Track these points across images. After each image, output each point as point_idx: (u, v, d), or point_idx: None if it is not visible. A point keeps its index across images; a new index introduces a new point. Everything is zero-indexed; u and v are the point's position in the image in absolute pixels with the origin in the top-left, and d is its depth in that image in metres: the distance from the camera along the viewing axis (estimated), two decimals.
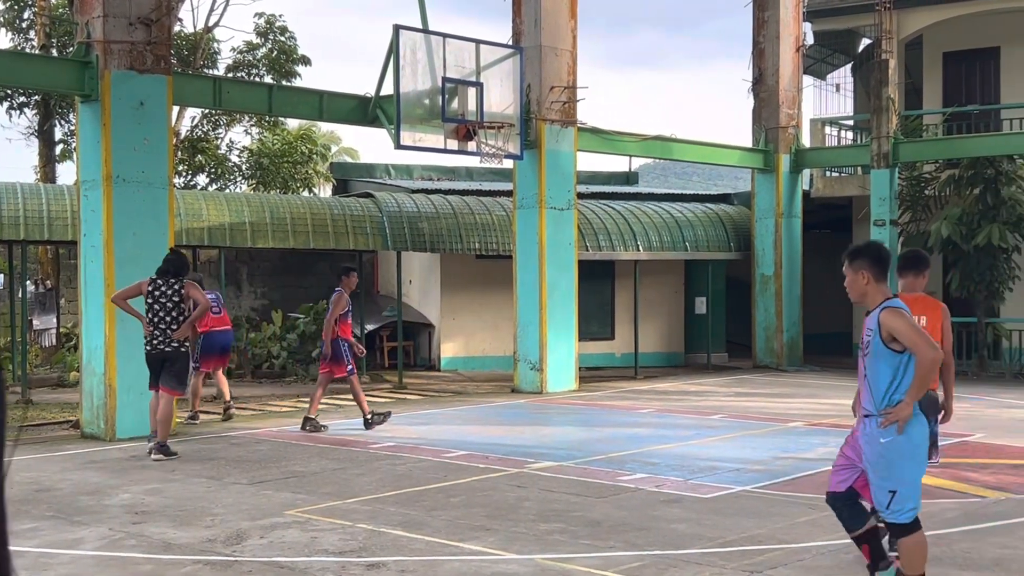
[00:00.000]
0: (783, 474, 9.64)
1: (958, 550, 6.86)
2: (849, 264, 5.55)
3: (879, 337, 5.38)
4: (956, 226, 19.58)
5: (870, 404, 5.44)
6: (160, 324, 10.65)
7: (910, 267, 7.37)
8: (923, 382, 5.27)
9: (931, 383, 5.23)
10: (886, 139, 20.38)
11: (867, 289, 5.50)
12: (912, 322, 5.36)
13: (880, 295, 5.51)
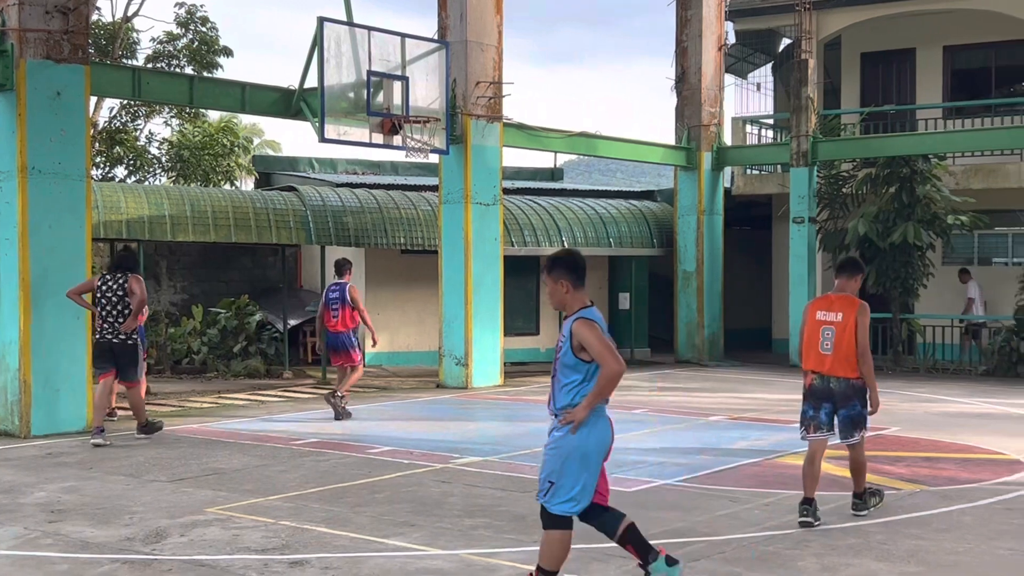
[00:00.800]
0: (705, 468, 9.77)
1: (875, 542, 7.02)
2: (548, 274, 5.71)
3: (570, 345, 5.58)
4: (872, 224, 19.98)
5: (553, 405, 5.70)
6: (108, 317, 11.20)
7: (843, 271, 7.99)
8: (602, 391, 5.53)
9: (610, 393, 5.53)
10: (805, 138, 20.74)
11: (566, 298, 5.66)
12: (600, 334, 5.50)
13: (577, 303, 5.67)
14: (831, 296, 7.90)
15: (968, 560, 6.57)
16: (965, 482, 9.00)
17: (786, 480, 9.21)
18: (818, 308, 7.89)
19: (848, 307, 7.73)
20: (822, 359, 7.74)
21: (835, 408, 7.75)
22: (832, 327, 7.70)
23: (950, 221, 19.98)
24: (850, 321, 7.64)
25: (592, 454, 5.61)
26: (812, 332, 7.82)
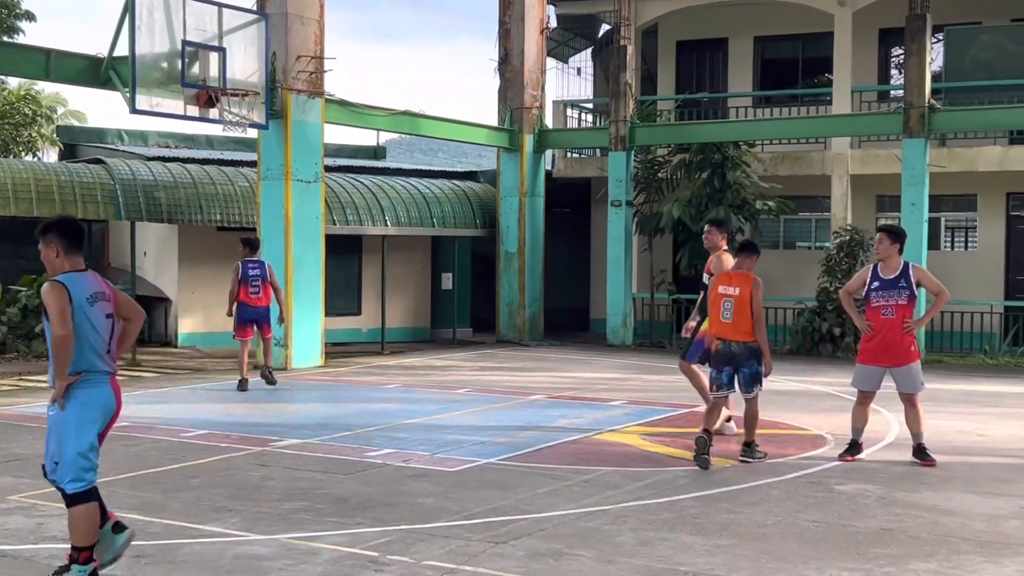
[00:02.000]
0: (526, 446, 9.86)
1: (689, 516, 7.23)
2: (41, 239, 5.73)
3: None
4: (686, 208, 20.59)
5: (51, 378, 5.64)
6: None
7: (741, 252, 9.38)
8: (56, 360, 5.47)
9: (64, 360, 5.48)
10: (623, 123, 21.19)
11: (57, 262, 5.70)
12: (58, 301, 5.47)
13: (69, 266, 5.69)
14: (731, 273, 9.24)
15: (776, 532, 6.85)
16: (773, 457, 9.36)
17: (604, 457, 9.40)
18: (720, 283, 9.21)
19: (745, 282, 9.02)
20: (723, 326, 9.09)
21: (735, 368, 9.07)
22: (732, 299, 9.03)
23: (759, 206, 20.79)
24: (746, 294, 8.95)
25: (71, 424, 5.52)
26: (715, 304, 9.15)
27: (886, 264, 9.14)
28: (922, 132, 18.51)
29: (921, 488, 8.17)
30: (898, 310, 9.02)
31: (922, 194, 18.53)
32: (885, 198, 21.94)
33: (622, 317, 21.16)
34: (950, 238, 22.64)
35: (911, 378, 9.09)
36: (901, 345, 9.04)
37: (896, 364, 9.08)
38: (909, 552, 6.38)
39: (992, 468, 9.04)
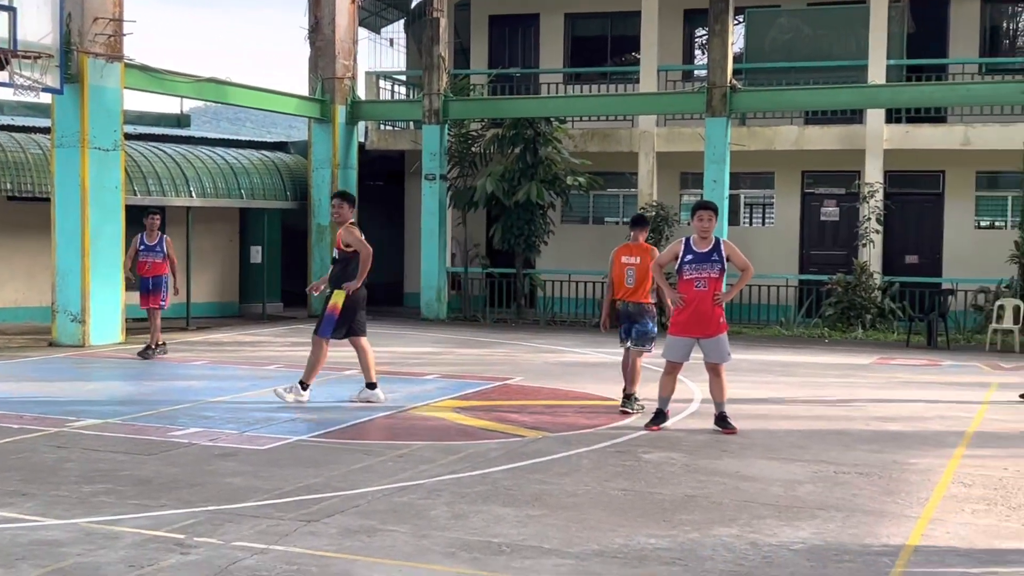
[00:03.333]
0: (339, 422, 9.74)
1: (501, 488, 7.29)
2: None
3: None
4: (499, 182, 20.74)
5: None
6: None
7: (634, 226, 10.51)
8: None
9: None
10: (437, 96, 21.11)
11: None
12: None
13: None
14: (630, 244, 10.43)
15: (586, 501, 6.98)
16: (583, 428, 9.55)
17: (418, 432, 9.37)
18: (622, 254, 10.44)
19: (643, 252, 10.29)
20: (627, 291, 10.29)
21: (631, 325, 10.24)
22: (633, 268, 10.24)
23: (569, 182, 21.14)
24: (645, 262, 10.15)
25: None
26: (619, 271, 10.38)
27: (700, 238, 9.43)
28: (724, 111, 19.17)
29: (723, 455, 8.48)
30: (710, 283, 9.33)
31: (724, 171, 19.21)
32: (689, 175, 22.66)
33: (436, 291, 21.16)
34: (749, 214, 23.58)
35: (719, 349, 9.43)
36: (711, 317, 9.36)
37: (706, 335, 9.39)
38: (712, 518, 6.60)
39: (789, 435, 9.47)
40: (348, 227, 10.74)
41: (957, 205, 21.48)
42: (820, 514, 6.71)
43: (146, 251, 14.68)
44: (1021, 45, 22.24)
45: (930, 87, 20.03)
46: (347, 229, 10.70)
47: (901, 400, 11.66)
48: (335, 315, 10.58)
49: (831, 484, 7.55)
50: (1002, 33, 23.30)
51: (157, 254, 14.66)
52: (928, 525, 6.49)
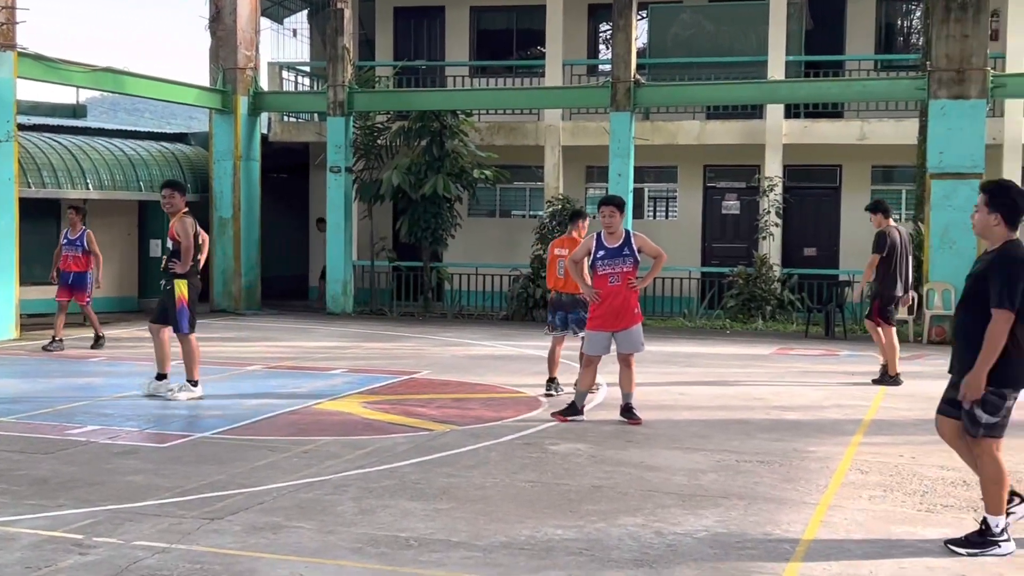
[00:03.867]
0: (242, 418, 9.60)
1: (409, 482, 7.26)
2: None
3: None
4: (405, 175, 20.65)
5: None
6: None
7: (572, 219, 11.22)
8: None
9: None
10: (341, 88, 20.91)
11: None
12: None
13: None
14: (565, 238, 11.08)
15: (494, 493, 6.99)
16: (490, 420, 9.57)
17: (324, 427, 9.29)
18: (556, 246, 11.02)
19: (573, 245, 10.50)
20: (559, 281, 10.74)
21: (567, 314, 10.68)
22: (564, 259, 10.47)
23: (476, 175, 21.15)
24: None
25: None
26: (552, 263, 10.92)
27: (610, 234, 9.52)
28: (628, 106, 19.35)
29: (628, 446, 8.58)
30: (623, 277, 9.44)
31: (628, 165, 19.41)
32: (594, 169, 22.86)
33: (342, 285, 20.98)
34: (653, 208, 23.88)
35: (633, 340, 9.54)
36: (627, 309, 9.50)
37: (622, 327, 9.49)
38: (618, 507, 6.68)
39: (692, 425, 9.62)
40: (180, 217, 10.75)
41: (853, 198, 22.01)
42: (723, 502, 6.84)
43: (68, 245, 14.69)
44: (915, 42, 22.89)
45: (827, 83, 20.50)
46: (179, 219, 10.72)
47: (800, 389, 11.93)
48: (185, 306, 10.53)
49: (733, 473, 7.70)
50: (897, 30, 23.97)
51: (77, 248, 14.64)
52: (827, 512, 6.65)
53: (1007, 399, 5.77)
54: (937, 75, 17.07)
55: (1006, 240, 5.83)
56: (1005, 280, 5.66)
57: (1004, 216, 5.82)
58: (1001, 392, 5.74)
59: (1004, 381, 5.73)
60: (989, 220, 5.85)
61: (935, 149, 17.13)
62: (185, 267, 10.60)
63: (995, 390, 5.72)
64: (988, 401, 5.73)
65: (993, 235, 5.86)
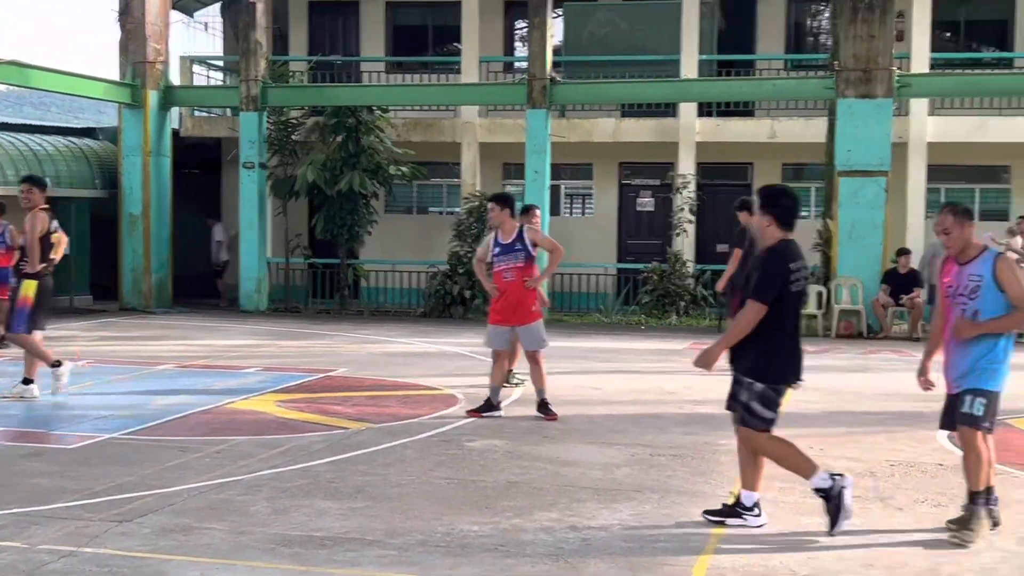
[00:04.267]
0: (153, 418, 9.43)
1: (324, 481, 7.20)
2: None
3: None
4: (321, 172, 20.46)
5: None
6: None
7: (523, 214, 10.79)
8: None
9: None
10: (255, 82, 20.63)
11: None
12: None
13: None
14: None
15: (410, 491, 6.97)
16: (407, 418, 9.54)
17: (238, 426, 9.17)
18: None
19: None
20: None
21: None
22: None
23: (392, 171, 21.04)
24: None
25: None
26: None
27: (503, 230, 9.60)
28: (544, 103, 19.42)
29: (544, 441, 8.62)
30: (516, 272, 9.52)
31: (544, 162, 19.48)
32: (511, 166, 22.89)
33: (256, 282, 20.70)
34: (569, 205, 24.01)
35: (532, 336, 9.59)
36: (523, 305, 9.55)
37: (520, 323, 9.54)
38: (534, 503, 6.70)
39: (607, 420, 9.70)
40: (33, 212, 10.31)
41: None
42: (637, 496, 6.91)
43: None
44: (824, 42, 23.34)
45: (739, 82, 20.81)
46: (32, 215, 10.29)
47: (713, 384, 12.08)
48: (27, 307, 10.16)
49: (647, 466, 7.78)
50: (806, 30, 24.44)
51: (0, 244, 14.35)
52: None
53: (782, 394, 6.17)
54: (845, 75, 17.44)
55: (779, 240, 6.16)
56: (764, 275, 6.04)
57: (776, 218, 6.16)
58: (777, 388, 6.12)
59: (780, 378, 6.14)
60: (763, 222, 6.21)
61: (843, 147, 17.50)
62: (34, 266, 10.16)
63: (772, 385, 6.10)
64: (766, 397, 6.09)
65: (767, 235, 6.18)
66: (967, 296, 6.07)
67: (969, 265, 6.11)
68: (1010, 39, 22.10)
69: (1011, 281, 5.99)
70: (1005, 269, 6.03)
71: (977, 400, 6.04)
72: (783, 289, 6.02)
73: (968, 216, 6.17)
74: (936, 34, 21.55)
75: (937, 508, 6.71)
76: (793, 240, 6.19)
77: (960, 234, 6.13)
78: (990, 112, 20.83)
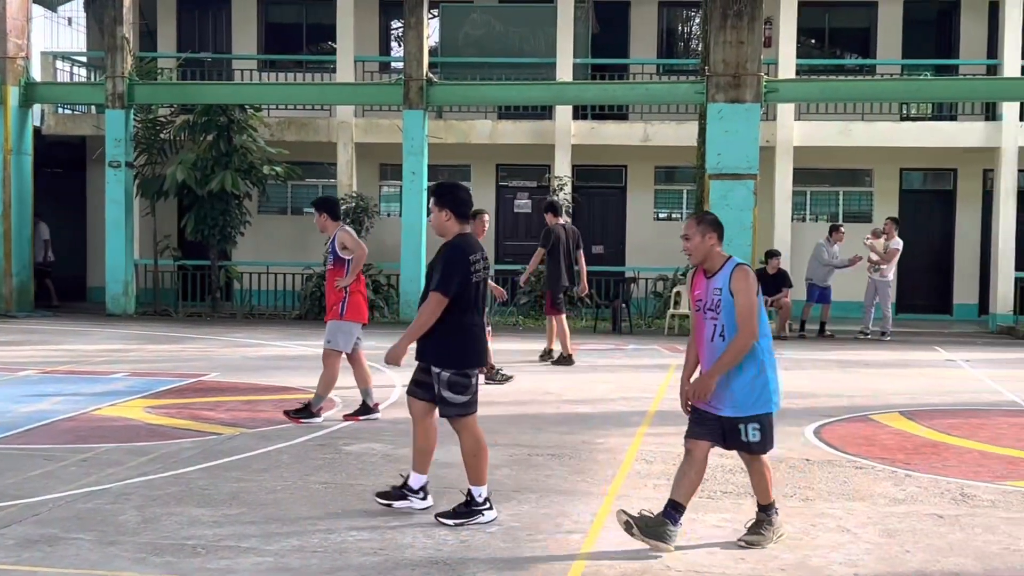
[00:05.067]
0: (14, 426, 9.06)
1: (196, 488, 7.03)
2: None
3: None
4: (191, 171, 20.00)
5: None
6: None
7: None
8: None
9: None
10: (121, 79, 20.05)
11: None
12: None
13: None
14: None
15: (286, 497, 6.86)
16: (282, 422, 9.37)
17: (105, 434, 8.88)
18: None
19: None
20: None
21: None
22: None
23: (266, 171, 20.70)
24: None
25: None
26: None
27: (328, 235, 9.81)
28: (421, 104, 19.37)
29: None
30: (329, 273, 9.75)
31: (421, 163, 19.42)
32: (388, 166, 22.78)
33: (123, 285, 20.10)
34: None
35: (327, 332, 9.63)
36: (330, 304, 9.73)
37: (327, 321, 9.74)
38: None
39: (486, 421, 9.60)
40: None
41: (638, 198, 22.79)
42: (516, 496, 6.93)
43: None
44: (695, 47, 23.84)
45: (613, 86, 21.10)
46: None
47: (589, 383, 12.24)
48: None
49: (526, 467, 7.82)
50: (678, 36, 24.93)
51: None
52: (615, 501, 6.84)
53: (471, 377, 6.38)
54: (715, 79, 17.84)
55: (456, 234, 6.41)
56: (446, 268, 6.27)
57: (455, 213, 6.41)
58: (464, 373, 6.34)
59: (464, 363, 6.34)
60: (441, 217, 6.45)
61: (713, 151, 17.90)
62: None
63: (458, 371, 6.32)
64: (455, 383, 6.33)
65: (447, 230, 6.43)
66: (714, 311, 5.78)
67: (714, 278, 5.84)
68: (872, 46, 22.93)
69: (741, 291, 5.69)
70: (740, 279, 5.73)
71: (750, 427, 5.82)
72: (465, 280, 6.27)
73: (713, 227, 5.90)
74: (802, 41, 22.25)
75: (805, 502, 6.91)
76: (470, 233, 6.51)
77: (700, 243, 5.86)
78: (853, 117, 21.58)
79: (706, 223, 5.94)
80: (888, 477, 7.65)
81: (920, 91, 19.82)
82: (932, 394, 11.74)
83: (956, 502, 6.96)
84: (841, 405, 10.81)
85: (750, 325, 5.69)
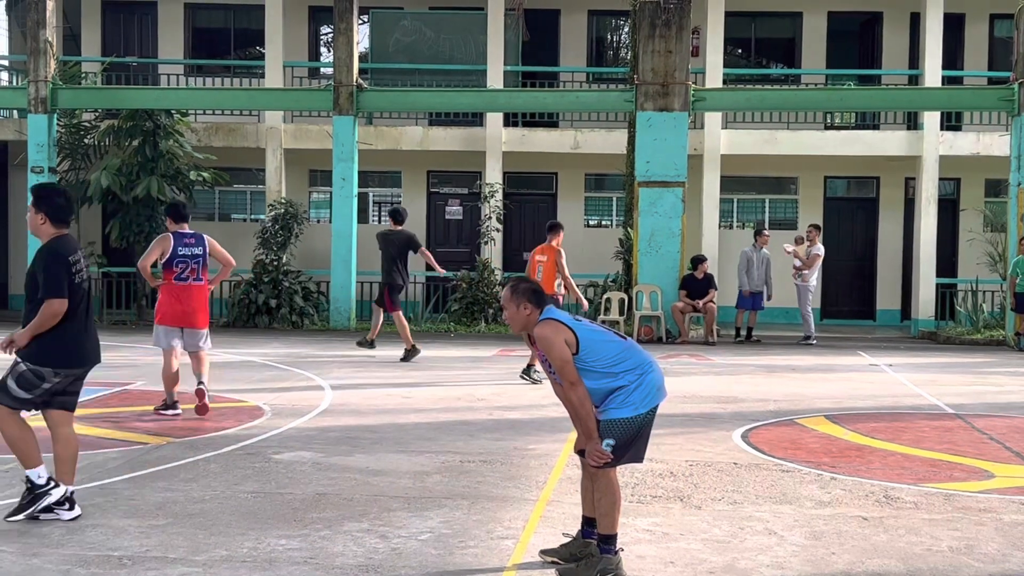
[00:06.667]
0: None
1: (122, 498, 6.92)
2: None
3: None
4: (116, 177, 19.69)
5: None
6: None
7: (549, 231, 13.13)
8: None
9: None
10: (44, 83, 19.68)
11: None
12: None
13: None
14: (543, 247, 13.01)
15: (214, 507, 6.77)
16: (210, 431, 9.26)
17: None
18: (536, 254, 13.04)
19: (551, 252, 12.93)
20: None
21: None
22: (542, 264, 12.88)
23: (193, 176, 20.45)
24: (551, 260, 12.88)
25: None
26: (532, 267, 12.96)
27: None
28: (351, 110, 19.28)
29: (354, 452, 8.53)
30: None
31: (352, 170, 19.33)
32: (318, 172, 22.63)
33: None
34: (378, 213, 23.88)
35: None
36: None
37: None
38: (343, 514, 6.62)
39: (418, 428, 9.68)
40: None
41: (569, 205, 22.90)
42: (447, 503, 6.92)
43: None
44: (624, 56, 24.05)
45: (543, 93, 21.20)
46: None
47: (521, 390, 12.26)
48: None
49: (457, 473, 7.81)
50: (607, 44, 25.12)
51: None
52: (547, 507, 6.86)
53: (45, 380, 6.45)
54: (644, 88, 18.02)
55: (52, 237, 6.48)
56: (49, 272, 6.32)
57: (49, 215, 6.47)
58: (38, 371, 6.43)
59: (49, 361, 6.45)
60: (36, 220, 6.53)
61: (642, 158, 18.07)
62: None
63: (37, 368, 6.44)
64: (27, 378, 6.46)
65: (41, 233, 6.49)
66: (554, 373, 5.55)
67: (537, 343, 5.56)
68: (797, 56, 23.33)
69: (544, 348, 5.46)
70: (540, 339, 5.46)
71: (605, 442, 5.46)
72: (69, 280, 6.37)
73: (526, 295, 5.54)
74: (729, 50, 22.56)
75: (733, 506, 6.99)
76: (69, 235, 6.55)
77: (516, 313, 5.56)
78: (779, 126, 21.92)
79: (519, 293, 5.55)
80: (814, 480, 7.78)
81: (844, 100, 20.22)
82: (856, 398, 11.96)
83: (880, 504, 7.10)
84: (768, 409, 10.97)
85: (565, 376, 5.42)
